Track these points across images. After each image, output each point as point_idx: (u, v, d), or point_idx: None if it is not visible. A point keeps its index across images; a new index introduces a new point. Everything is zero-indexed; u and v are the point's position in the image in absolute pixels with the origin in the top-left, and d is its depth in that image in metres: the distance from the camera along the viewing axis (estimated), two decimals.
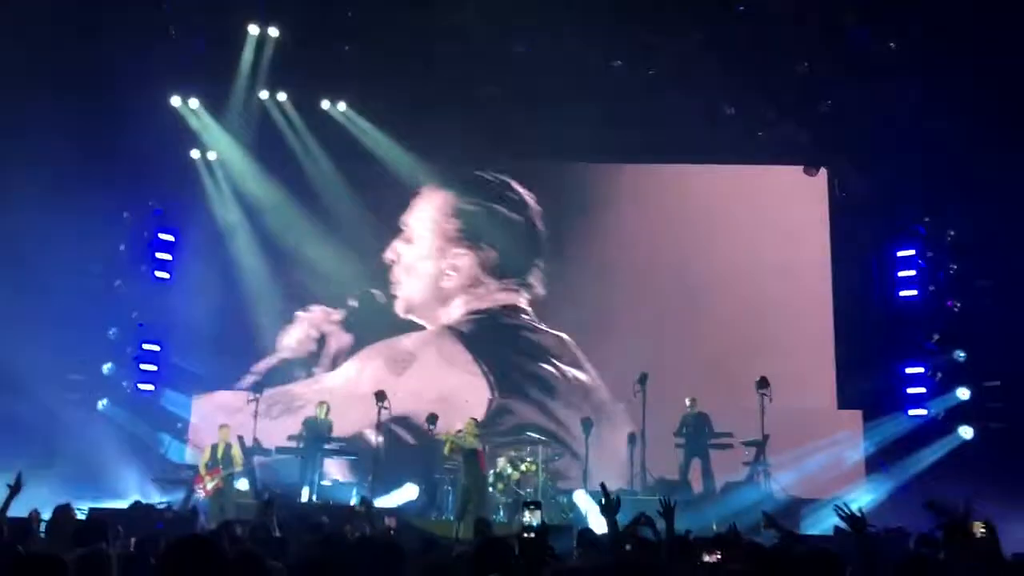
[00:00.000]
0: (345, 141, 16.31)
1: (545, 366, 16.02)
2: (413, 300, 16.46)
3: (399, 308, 16.40)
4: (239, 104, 15.94)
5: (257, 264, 16.60)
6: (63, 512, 6.84)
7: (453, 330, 16.26)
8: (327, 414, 14.15)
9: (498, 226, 16.66)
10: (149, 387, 16.42)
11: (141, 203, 16.73)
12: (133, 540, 6.32)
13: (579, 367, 15.99)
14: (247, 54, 15.32)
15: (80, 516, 7.66)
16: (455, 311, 16.38)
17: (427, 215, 16.63)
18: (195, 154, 16.73)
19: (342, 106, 16.35)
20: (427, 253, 16.64)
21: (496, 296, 16.42)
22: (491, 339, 16.26)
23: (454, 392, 15.61)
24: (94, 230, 15.94)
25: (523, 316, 16.30)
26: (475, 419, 13.68)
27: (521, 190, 16.72)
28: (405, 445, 15.31)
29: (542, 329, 16.29)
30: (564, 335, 16.23)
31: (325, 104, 16.34)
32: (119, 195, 16.04)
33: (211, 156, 16.81)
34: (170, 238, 17.05)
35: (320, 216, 16.48)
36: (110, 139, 14.08)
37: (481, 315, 16.36)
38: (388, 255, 16.46)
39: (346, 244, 16.38)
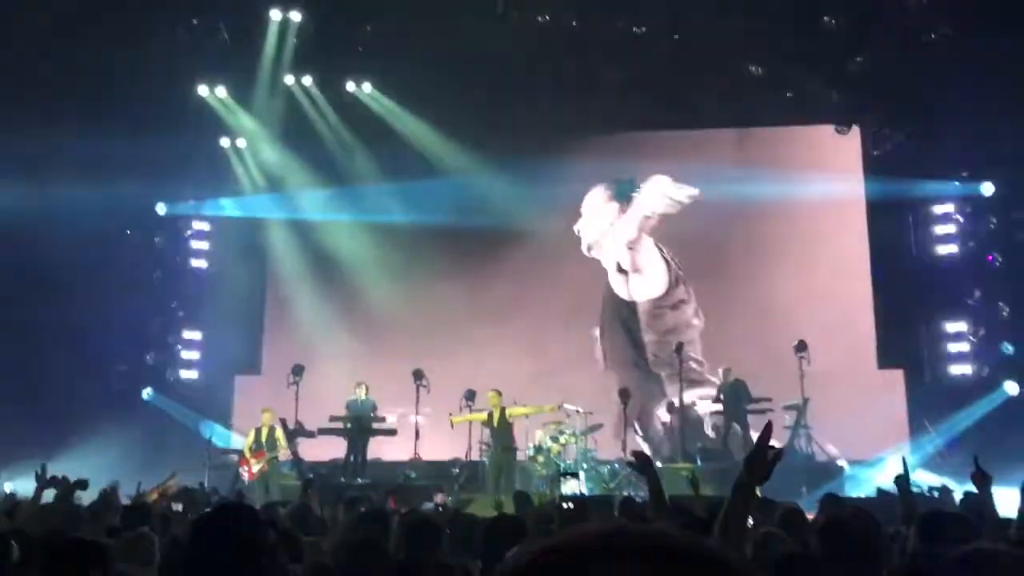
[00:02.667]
0: (373, 122, 16.34)
1: None
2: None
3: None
4: (265, 90, 16.04)
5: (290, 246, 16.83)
6: (108, 496, 7.00)
7: None
8: (367, 393, 14.20)
9: None
10: (192, 374, 16.72)
11: (175, 193, 16.92)
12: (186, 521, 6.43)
13: None
14: (270, 40, 15.41)
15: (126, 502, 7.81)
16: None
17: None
18: (225, 142, 16.88)
19: (367, 87, 16.36)
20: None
21: None
22: None
23: None
24: (130, 223, 16.31)
25: None
26: (497, 390, 13.43)
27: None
28: None
29: None
30: None
31: (350, 86, 16.35)
32: (153, 187, 16.25)
33: (240, 143, 16.95)
34: (205, 226, 17.28)
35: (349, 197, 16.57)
36: (139, 132, 14.21)
37: None
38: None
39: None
